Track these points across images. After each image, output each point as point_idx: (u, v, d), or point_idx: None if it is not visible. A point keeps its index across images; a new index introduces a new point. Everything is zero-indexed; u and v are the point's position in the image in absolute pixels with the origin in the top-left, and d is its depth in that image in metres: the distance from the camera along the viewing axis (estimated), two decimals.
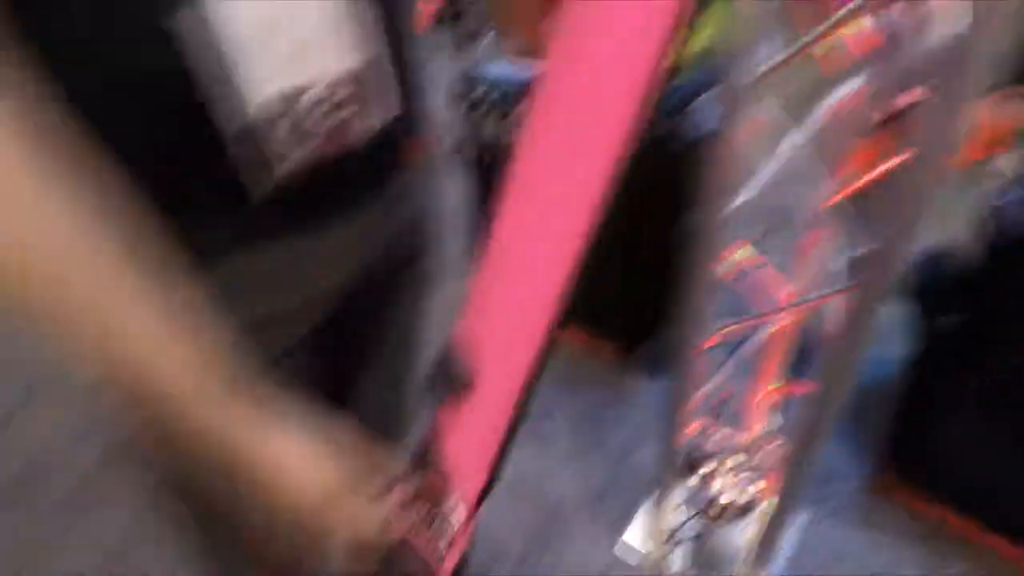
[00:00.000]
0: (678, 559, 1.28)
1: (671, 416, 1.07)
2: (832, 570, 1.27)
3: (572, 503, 1.38)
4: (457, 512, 0.53)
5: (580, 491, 1.40)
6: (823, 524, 1.34)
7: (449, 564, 0.57)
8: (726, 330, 0.94)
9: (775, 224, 0.85)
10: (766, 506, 1.12)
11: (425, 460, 0.55)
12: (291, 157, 0.43)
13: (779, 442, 1.15)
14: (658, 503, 1.28)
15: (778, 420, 1.20)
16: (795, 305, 0.90)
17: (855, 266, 0.71)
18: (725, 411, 1.09)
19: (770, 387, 1.07)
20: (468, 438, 0.54)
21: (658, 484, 1.24)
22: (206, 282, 0.41)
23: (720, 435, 1.17)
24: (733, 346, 1.01)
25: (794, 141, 0.71)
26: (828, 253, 0.85)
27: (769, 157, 0.72)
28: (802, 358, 1.12)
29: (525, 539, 1.31)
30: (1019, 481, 1.20)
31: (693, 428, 1.10)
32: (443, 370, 0.52)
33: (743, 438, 1.22)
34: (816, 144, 0.70)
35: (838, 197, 0.72)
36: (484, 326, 0.51)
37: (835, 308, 0.89)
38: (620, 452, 1.48)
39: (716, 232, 0.76)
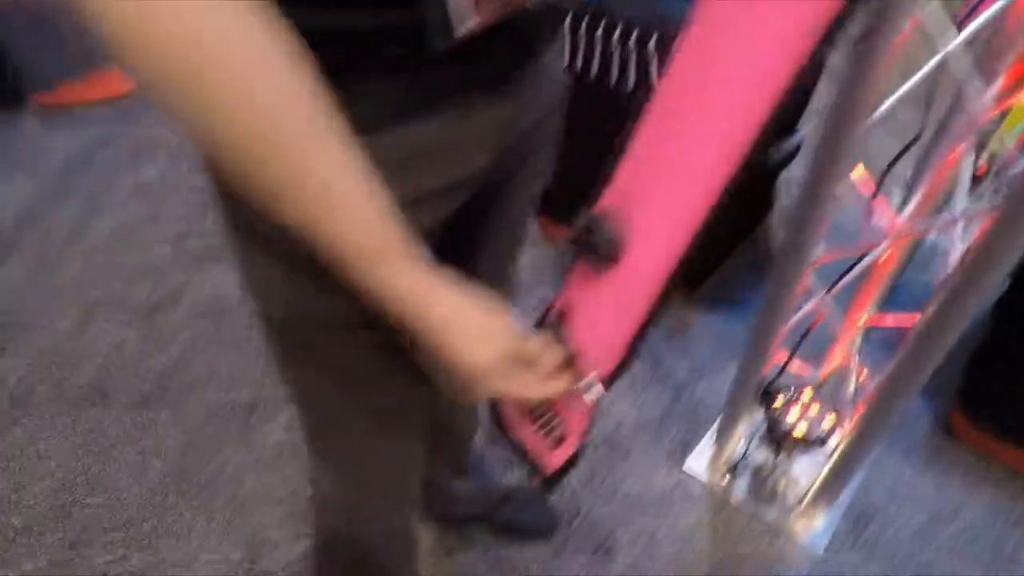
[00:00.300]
0: (740, 490, 1.29)
1: (755, 343, 1.04)
2: (895, 510, 1.26)
3: (632, 429, 1.39)
4: (593, 391, 0.55)
5: (640, 419, 1.41)
6: (889, 464, 1.32)
7: (571, 444, 0.59)
8: (826, 257, 0.90)
9: (908, 143, 0.79)
10: (838, 441, 1.11)
11: (557, 336, 0.56)
12: (471, 15, 0.41)
13: (862, 377, 1.13)
14: (723, 433, 1.27)
15: (861, 355, 1.17)
16: (906, 232, 0.85)
17: (1000, 188, 0.65)
18: (809, 342, 1.06)
19: (861, 319, 1.03)
20: (606, 315, 0.55)
21: (727, 413, 1.23)
22: (376, 150, 0.41)
23: (800, 366, 1.15)
24: (829, 274, 0.97)
25: (950, 46, 0.64)
26: (961, 176, 0.79)
27: (922, 63, 0.66)
28: (899, 291, 1.08)
29: (586, 460, 1.33)
30: None
31: (775, 358, 1.08)
32: (590, 236, 0.52)
33: (824, 371, 1.19)
34: (975, 51, 0.63)
35: (993, 111, 0.66)
36: (640, 199, 0.50)
37: (956, 239, 0.84)
38: (679, 385, 1.47)
39: (844, 149, 0.71)
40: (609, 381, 0.57)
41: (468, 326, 0.46)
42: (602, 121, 0.86)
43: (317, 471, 0.77)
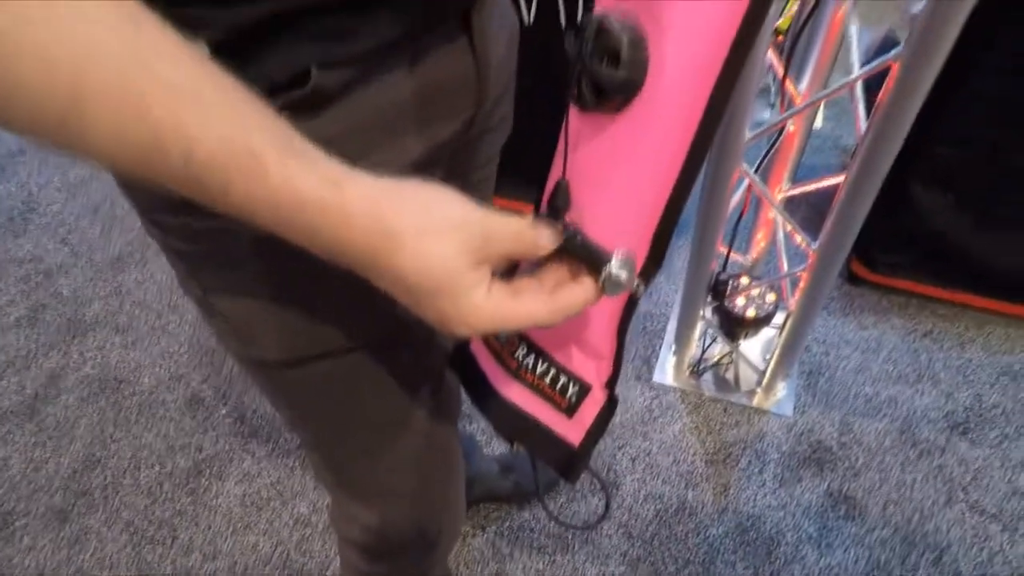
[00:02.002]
0: (708, 385, 1.37)
1: (701, 240, 1.09)
2: (833, 358, 1.41)
3: None
4: (623, 280, 0.38)
5: None
6: (816, 320, 1.47)
7: (598, 394, 0.50)
8: (752, 137, 0.94)
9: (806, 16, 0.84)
10: (786, 313, 1.20)
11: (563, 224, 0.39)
12: None
13: (796, 250, 1.22)
14: (681, 337, 1.34)
15: (784, 230, 1.26)
16: (815, 99, 0.92)
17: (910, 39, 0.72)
18: (738, 229, 1.14)
19: (780, 193, 1.12)
20: (626, 182, 0.40)
21: (682, 317, 1.29)
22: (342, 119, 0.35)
23: (735, 256, 1.22)
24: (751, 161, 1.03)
25: None
26: (850, 39, 0.87)
27: None
28: (801, 171, 1.17)
29: None
30: (969, 239, 1.37)
31: (717, 252, 1.14)
32: (599, 49, 0.36)
33: (755, 252, 1.28)
34: None
35: None
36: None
37: (859, 97, 0.92)
38: None
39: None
40: (643, 277, 0.41)
41: (406, 222, 0.32)
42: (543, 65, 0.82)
43: (352, 505, 0.70)
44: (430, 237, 0.32)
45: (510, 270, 0.41)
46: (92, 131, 0.26)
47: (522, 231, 0.36)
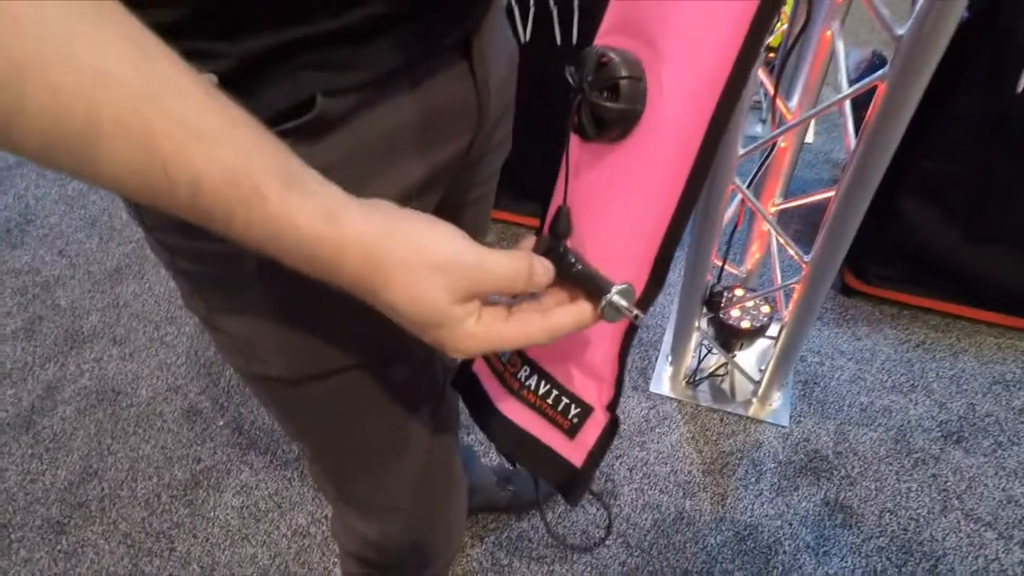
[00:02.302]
0: (704, 395, 1.38)
1: (696, 253, 1.11)
2: (828, 368, 1.43)
3: None
4: (622, 308, 0.39)
5: None
6: (811, 331, 1.49)
7: (599, 415, 0.49)
8: (744, 153, 0.96)
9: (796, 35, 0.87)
10: (781, 324, 1.22)
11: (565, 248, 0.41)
12: None
13: (789, 262, 1.24)
14: (677, 348, 1.35)
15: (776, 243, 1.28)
16: (806, 117, 0.94)
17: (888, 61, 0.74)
18: (732, 244, 1.15)
19: (773, 207, 1.14)
20: (625, 207, 0.41)
21: (678, 327, 1.31)
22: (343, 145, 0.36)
23: (730, 269, 1.24)
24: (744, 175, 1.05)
25: None
26: (838, 55, 0.89)
27: None
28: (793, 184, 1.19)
29: None
30: (958, 252, 1.39)
31: (712, 265, 1.15)
32: (600, 79, 0.37)
33: (749, 264, 1.29)
34: None
35: None
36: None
37: (848, 113, 0.94)
38: None
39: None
40: (643, 301, 0.42)
41: (397, 256, 0.33)
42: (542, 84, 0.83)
43: (352, 517, 0.70)
44: (419, 275, 0.33)
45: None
46: (103, 161, 0.27)
47: (516, 273, 0.36)
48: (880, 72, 0.80)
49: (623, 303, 0.39)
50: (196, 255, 0.45)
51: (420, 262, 0.33)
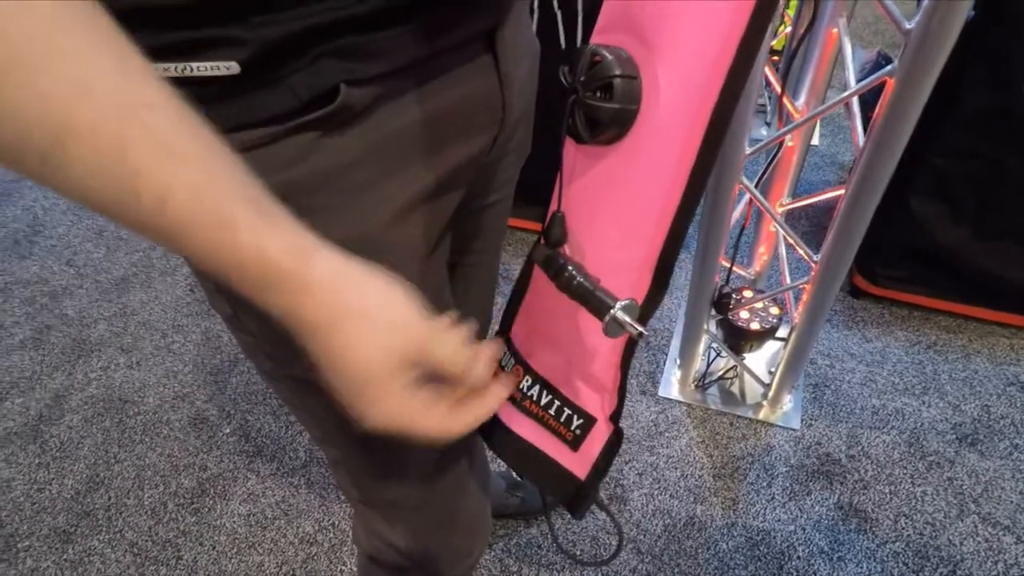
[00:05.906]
0: (714, 398, 1.36)
1: (704, 255, 1.10)
2: (839, 371, 1.41)
3: None
4: (624, 323, 0.39)
5: None
6: (820, 333, 1.47)
7: (602, 426, 0.48)
8: (752, 151, 0.96)
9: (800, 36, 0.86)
10: (791, 325, 1.21)
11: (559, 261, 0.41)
12: None
13: (800, 263, 1.23)
14: (685, 351, 1.34)
15: (784, 244, 1.27)
16: (813, 115, 0.93)
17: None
18: (740, 245, 1.14)
19: (781, 207, 1.13)
20: (623, 215, 0.39)
21: (687, 331, 1.29)
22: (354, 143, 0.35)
23: (738, 270, 1.23)
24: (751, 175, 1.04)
25: None
26: (844, 54, 0.89)
27: None
28: (799, 187, 1.18)
29: None
30: (968, 251, 1.38)
31: (720, 266, 1.14)
32: (592, 82, 0.36)
33: (757, 266, 1.28)
34: None
35: None
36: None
37: (856, 111, 0.93)
38: None
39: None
40: (646, 309, 0.41)
41: (357, 307, 0.33)
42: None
43: (375, 520, 0.69)
44: (375, 328, 0.34)
45: None
46: (71, 169, 0.26)
47: (456, 357, 0.37)
48: (888, 67, 0.79)
49: (627, 319, 0.38)
50: None
51: (380, 317, 0.34)
